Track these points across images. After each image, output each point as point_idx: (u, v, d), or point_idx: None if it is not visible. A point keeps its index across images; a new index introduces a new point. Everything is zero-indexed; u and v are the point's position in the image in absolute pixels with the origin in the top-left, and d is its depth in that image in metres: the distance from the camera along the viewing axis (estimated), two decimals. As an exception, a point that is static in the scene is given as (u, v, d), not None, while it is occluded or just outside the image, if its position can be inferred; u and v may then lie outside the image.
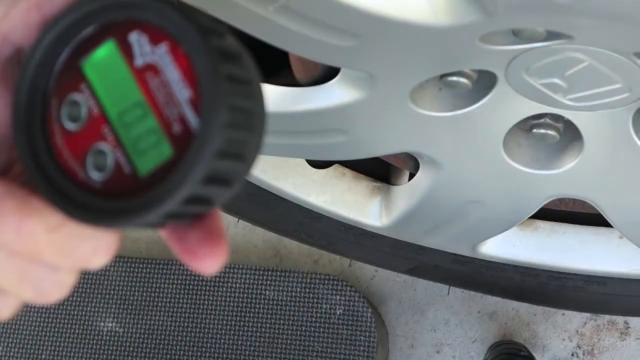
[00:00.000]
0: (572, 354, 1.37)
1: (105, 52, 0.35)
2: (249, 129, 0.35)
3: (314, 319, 1.34)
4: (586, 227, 0.96)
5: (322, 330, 1.33)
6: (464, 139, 0.73)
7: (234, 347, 1.32)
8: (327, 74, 0.70)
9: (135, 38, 0.35)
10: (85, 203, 0.35)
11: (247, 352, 1.32)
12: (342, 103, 0.69)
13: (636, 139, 0.69)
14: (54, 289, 0.37)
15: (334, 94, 0.69)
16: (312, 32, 0.58)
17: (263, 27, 0.60)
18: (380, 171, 0.96)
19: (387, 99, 0.67)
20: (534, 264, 0.97)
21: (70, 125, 0.36)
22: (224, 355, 1.33)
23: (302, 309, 1.32)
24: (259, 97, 0.36)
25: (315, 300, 1.33)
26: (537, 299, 1.09)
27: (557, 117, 0.72)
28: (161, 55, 0.34)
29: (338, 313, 1.34)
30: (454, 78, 0.66)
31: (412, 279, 1.41)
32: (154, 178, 0.34)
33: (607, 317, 1.36)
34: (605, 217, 0.83)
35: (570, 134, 0.73)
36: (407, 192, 0.90)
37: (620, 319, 1.36)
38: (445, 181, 0.81)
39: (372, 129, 0.73)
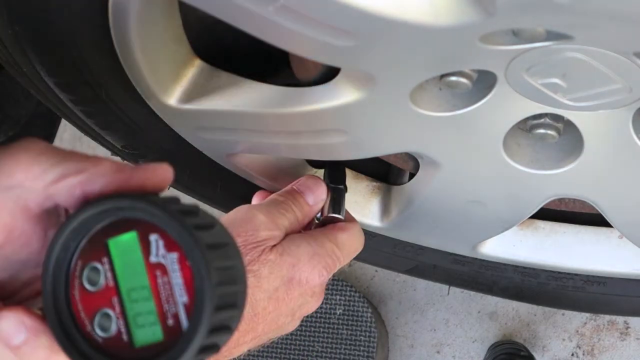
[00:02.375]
0: (572, 354, 1.37)
1: (128, 239, 0.44)
2: (228, 331, 0.45)
3: (314, 319, 1.34)
4: (586, 227, 0.96)
5: (322, 330, 1.33)
6: (464, 139, 0.73)
7: (234, 347, 1.32)
8: (327, 74, 0.70)
9: (155, 239, 0.44)
10: (87, 354, 0.44)
11: (247, 352, 1.32)
12: (342, 103, 0.69)
13: (636, 139, 0.69)
14: None
15: (334, 94, 0.69)
16: (312, 32, 0.58)
17: (263, 27, 0.60)
18: (380, 171, 0.96)
19: (387, 99, 0.67)
20: (534, 264, 0.98)
21: (88, 286, 0.45)
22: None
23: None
24: (241, 305, 0.46)
25: (315, 300, 1.33)
26: (537, 299, 1.09)
27: (557, 117, 0.72)
28: (171, 261, 0.43)
29: (338, 313, 1.34)
30: (454, 78, 0.66)
31: (412, 279, 1.41)
32: (145, 353, 0.44)
33: (607, 317, 1.36)
34: (605, 217, 0.83)
35: (570, 134, 0.73)
36: (407, 192, 0.90)
37: (620, 319, 1.36)
38: (445, 181, 0.81)
39: (372, 129, 0.73)
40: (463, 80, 0.67)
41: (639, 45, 0.57)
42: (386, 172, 0.95)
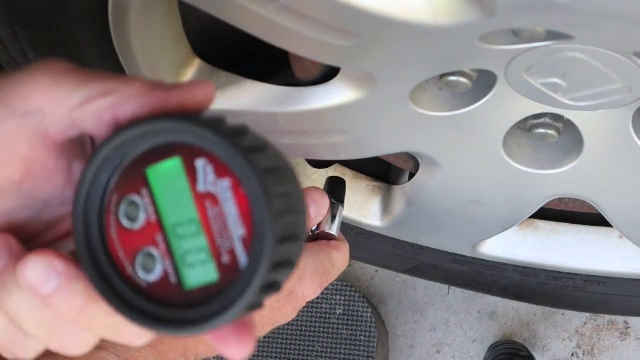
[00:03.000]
0: (572, 354, 1.37)
1: (170, 166, 0.38)
2: (290, 267, 0.39)
3: (314, 319, 1.34)
4: (586, 227, 0.96)
5: (322, 330, 1.33)
6: (464, 138, 0.73)
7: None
8: (327, 73, 0.70)
9: (202, 165, 0.37)
10: (130, 301, 0.38)
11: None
12: (342, 103, 0.69)
13: (636, 138, 0.69)
14: (77, 346, 0.40)
15: (334, 94, 0.69)
16: (312, 32, 0.58)
17: (263, 27, 0.60)
18: (380, 171, 0.96)
19: (387, 99, 0.67)
20: (534, 264, 0.98)
21: (126, 223, 0.39)
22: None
23: (302, 309, 1.33)
24: (300, 229, 0.39)
25: (315, 300, 1.33)
26: (537, 298, 1.09)
27: (557, 117, 0.72)
28: (223, 189, 0.37)
29: (338, 313, 1.34)
30: (454, 78, 0.66)
31: (412, 279, 1.41)
32: (198, 296, 0.37)
33: (607, 317, 1.36)
34: (605, 217, 0.83)
35: (570, 134, 0.73)
36: (407, 192, 0.90)
37: (620, 319, 1.36)
38: (445, 181, 0.81)
39: (372, 129, 0.73)
40: (463, 80, 0.67)
41: (639, 45, 0.57)
42: (386, 172, 0.95)
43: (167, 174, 0.38)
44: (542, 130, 0.72)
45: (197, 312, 0.37)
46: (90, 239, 0.39)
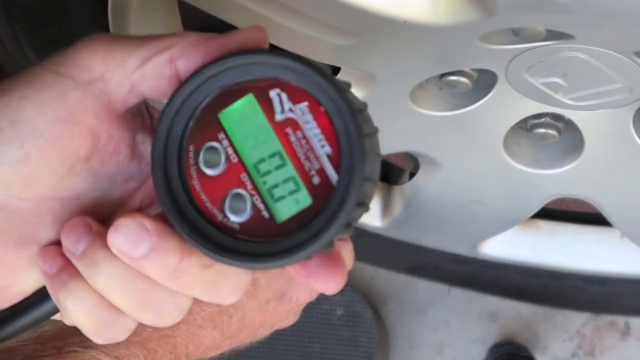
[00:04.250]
0: (573, 355, 1.36)
1: (244, 105, 0.38)
2: (374, 180, 0.39)
3: (314, 320, 1.34)
4: (587, 227, 0.96)
5: (322, 330, 1.33)
6: (464, 138, 0.73)
7: (235, 348, 1.32)
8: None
9: (276, 95, 0.37)
10: (226, 245, 0.38)
11: (247, 353, 1.32)
12: (342, 102, 0.69)
13: (637, 138, 0.69)
14: (172, 312, 0.40)
15: (334, 94, 0.69)
16: (312, 31, 0.58)
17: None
18: (380, 171, 0.95)
19: (387, 99, 0.67)
20: (535, 264, 0.97)
21: (208, 171, 0.38)
22: (225, 356, 1.32)
23: (302, 310, 1.32)
24: (379, 148, 0.40)
25: (315, 301, 1.33)
26: (537, 299, 1.09)
27: (557, 117, 0.72)
28: (302, 112, 0.37)
29: (338, 314, 1.34)
30: (454, 77, 0.66)
31: (412, 279, 1.41)
32: (292, 224, 0.37)
33: (608, 317, 1.36)
34: (606, 216, 0.83)
35: (570, 134, 0.73)
36: (407, 192, 0.90)
37: (621, 319, 1.36)
38: (446, 181, 0.81)
39: (372, 129, 0.73)
40: (463, 79, 0.66)
41: (639, 44, 0.57)
42: (386, 172, 0.95)
43: (241, 112, 0.38)
44: (542, 130, 0.72)
45: (297, 238, 0.37)
46: (175, 194, 0.38)
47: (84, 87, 0.39)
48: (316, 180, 0.37)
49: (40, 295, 0.42)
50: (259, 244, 0.38)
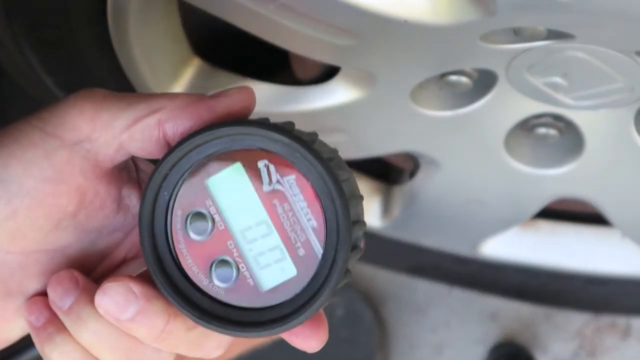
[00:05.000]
0: (574, 355, 1.36)
1: (232, 173, 0.38)
2: (359, 251, 0.40)
3: (314, 320, 1.33)
4: (587, 227, 0.96)
5: (322, 331, 1.33)
6: (465, 138, 0.73)
7: (234, 348, 1.32)
8: (327, 73, 0.70)
9: (264, 166, 0.38)
10: (211, 311, 0.39)
11: (247, 353, 1.32)
12: (342, 102, 0.69)
13: (638, 138, 0.69)
14: None
15: (334, 94, 0.69)
16: (312, 31, 0.58)
17: (263, 26, 0.60)
18: (380, 171, 0.95)
19: (387, 98, 0.67)
20: (535, 264, 0.97)
21: (195, 236, 0.39)
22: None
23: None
24: (364, 222, 0.40)
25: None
26: (538, 299, 1.09)
27: (558, 117, 0.72)
28: (289, 185, 0.38)
29: (338, 314, 1.33)
30: (455, 77, 0.66)
31: (412, 279, 1.40)
32: (277, 293, 0.38)
33: (609, 317, 1.36)
34: (607, 217, 0.83)
35: (571, 134, 0.73)
36: (407, 192, 0.90)
37: (621, 320, 1.36)
38: (446, 181, 0.81)
39: (372, 129, 0.73)
40: (464, 79, 0.66)
41: (641, 43, 0.57)
42: (386, 172, 0.95)
43: (229, 180, 0.38)
44: (543, 130, 0.72)
45: (281, 309, 0.38)
46: (162, 257, 0.39)
47: (71, 147, 0.39)
48: (302, 252, 0.38)
49: (26, 343, 0.42)
50: (244, 311, 0.39)
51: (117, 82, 0.71)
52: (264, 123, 0.38)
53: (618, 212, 0.82)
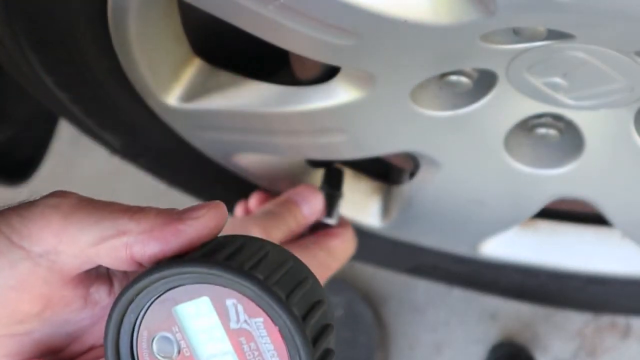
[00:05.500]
0: (574, 355, 1.36)
1: (200, 305, 0.39)
2: (331, 354, 0.41)
3: (314, 320, 1.34)
4: (587, 227, 0.96)
5: (322, 330, 1.33)
6: (465, 138, 0.73)
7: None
8: (327, 73, 0.70)
9: (232, 305, 0.39)
10: None
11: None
12: (342, 102, 0.69)
13: (638, 138, 0.69)
14: None
15: (334, 94, 0.69)
16: (312, 31, 0.58)
17: (263, 26, 0.60)
18: (380, 171, 0.95)
19: (387, 98, 0.67)
20: (535, 264, 0.97)
21: (160, 358, 0.40)
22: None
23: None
24: (333, 326, 0.42)
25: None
26: (538, 299, 1.09)
27: (558, 117, 0.72)
28: (257, 327, 0.39)
29: (338, 314, 1.33)
30: (455, 77, 0.66)
31: (412, 279, 1.40)
32: None
33: (609, 317, 1.36)
34: (607, 217, 0.83)
35: (571, 134, 0.73)
36: (407, 192, 0.90)
37: (621, 320, 1.36)
38: (446, 181, 0.81)
39: (372, 129, 0.73)
40: (464, 79, 0.66)
41: (641, 44, 0.57)
42: (386, 172, 0.95)
43: (197, 311, 0.39)
44: (543, 130, 0.72)
45: None
46: None
47: (36, 259, 0.40)
48: None
49: None
50: None
51: (117, 82, 0.71)
52: (234, 267, 0.38)
53: (618, 212, 0.82)
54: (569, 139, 0.74)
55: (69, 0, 0.61)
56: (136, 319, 0.40)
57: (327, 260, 0.71)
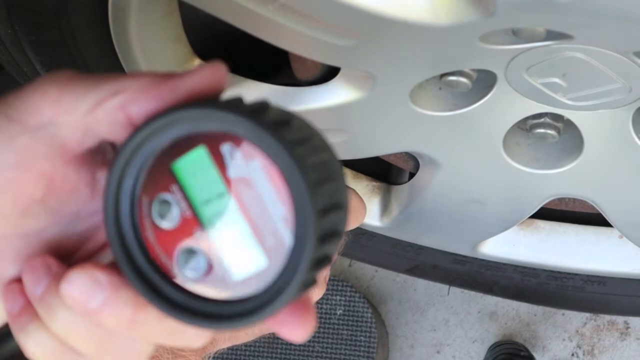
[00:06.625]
0: (572, 354, 1.36)
1: (196, 157, 0.36)
2: (337, 234, 0.37)
3: (314, 319, 1.34)
4: (586, 227, 0.96)
5: (322, 330, 1.33)
6: (464, 138, 0.73)
7: (234, 347, 1.32)
8: (327, 73, 0.70)
9: (228, 150, 0.35)
10: (180, 302, 0.37)
11: (247, 353, 1.32)
12: (342, 102, 0.69)
13: (636, 138, 0.69)
14: (133, 357, 0.39)
15: (333, 94, 0.69)
16: (312, 32, 0.58)
17: (263, 27, 0.60)
18: (380, 171, 0.96)
19: (387, 99, 0.67)
20: (534, 264, 0.97)
21: (161, 223, 0.37)
22: (224, 356, 1.32)
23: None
24: (345, 205, 0.37)
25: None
26: (537, 298, 1.09)
27: (557, 117, 0.72)
28: (255, 170, 0.35)
29: (338, 313, 1.34)
30: (454, 77, 0.66)
31: (412, 279, 1.41)
32: (247, 284, 0.36)
33: (607, 317, 1.36)
34: (606, 217, 0.83)
35: (570, 134, 0.73)
36: (407, 192, 0.90)
37: (620, 319, 1.36)
38: (445, 181, 0.81)
39: (372, 129, 0.73)
40: (463, 79, 0.66)
41: (639, 44, 0.57)
42: (386, 172, 0.95)
43: (194, 165, 0.36)
44: (542, 130, 0.72)
45: (250, 301, 0.36)
46: (128, 246, 0.37)
47: (34, 132, 0.38)
48: (270, 241, 0.35)
49: (7, 332, 0.41)
50: (214, 303, 0.37)
51: (117, 82, 0.71)
52: (227, 105, 0.35)
53: (616, 212, 0.82)
54: (567, 139, 0.74)
55: (70, 0, 0.61)
56: (134, 184, 0.37)
57: None
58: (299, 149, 0.35)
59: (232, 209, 0.36)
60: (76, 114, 0.38)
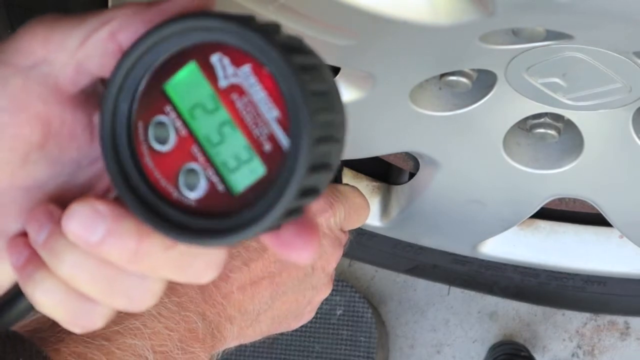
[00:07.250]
0: (573, 354, 1.36)
1: (187, 74, 0.36)
2: (334, 140, 0.37)
3: (314, 320, 1.34)
4: (586, 227, 0.96)
5: (322, 330, 1.33)
6: (464, 138, 0.73)
7: (234, 347, 1.32)
8: (327, 73, 0.70)
9: (217, 60, 0.35)
10: (184, 224, 0.36)
11: (246, 353, 1.32)
12: (341, 103, 0.69)
13: (636, 138, 0.69)
14: (144, 296, 0.38)
15: (333, 94, 0.69)
16: (312, 32, 0.58)
17: (263, 27, 0.60)
18: (380, 171, 0.96)
19: (386, 99, 0.67)
20: (534, 264, 0.97)
21: (158, 147, 0.37)
22: (224, 356, 1.32)
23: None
24: (339, 107, 0.38)
25: (315, 300, 1.33)
26: (537, 298, 1.09)
27: (557, 117, 0.72)
28: (245, 76, 0.35)
29: (338, 314, 1.34)
30: (454, 77, 0.66)
31: (412, 279, 1.41)
32: (249, 195, 0.35)
33: (608, 317, 1.36)
34: (606, 217, 0.83)
35: (570, 134, 0.73)
36: (407, 192, 0.90)
37: (620, 319, 1.36)
38: (445, 181, 0.81)
39: (372, 129, 0.73)
40: (463, 79, 0.67)
41: (639, 44, 0.57)
42: (386, 172, 0.95)
43: (185, 82, 0.36)
44: (542, 130, 0.72)
45: (255, 210, 0.35)
46: (128, 174, 0.37)
47: (25, 73, 0.37)
48: (268, 147, 0.35)
49: (17, 291, 0.40)
50: (218, 219, 0.36)
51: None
52: (213, 14, 0.35)
53: (617, 212, 0.82)
54: (567, 139, 0.74)
55: (69, 1, 0.61)
56: (129, 109, 0.37)
57: (339, 196, 0.67)
58: (288, 49, 0.34)
59: (227, 120, 0.35)
60: (67, 50, 0.37)
